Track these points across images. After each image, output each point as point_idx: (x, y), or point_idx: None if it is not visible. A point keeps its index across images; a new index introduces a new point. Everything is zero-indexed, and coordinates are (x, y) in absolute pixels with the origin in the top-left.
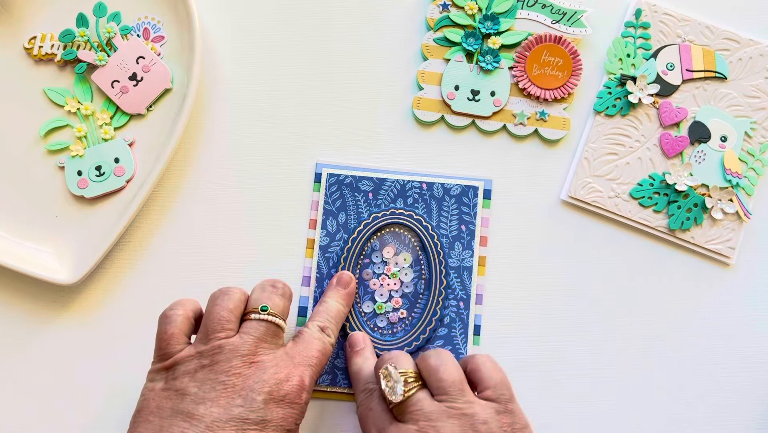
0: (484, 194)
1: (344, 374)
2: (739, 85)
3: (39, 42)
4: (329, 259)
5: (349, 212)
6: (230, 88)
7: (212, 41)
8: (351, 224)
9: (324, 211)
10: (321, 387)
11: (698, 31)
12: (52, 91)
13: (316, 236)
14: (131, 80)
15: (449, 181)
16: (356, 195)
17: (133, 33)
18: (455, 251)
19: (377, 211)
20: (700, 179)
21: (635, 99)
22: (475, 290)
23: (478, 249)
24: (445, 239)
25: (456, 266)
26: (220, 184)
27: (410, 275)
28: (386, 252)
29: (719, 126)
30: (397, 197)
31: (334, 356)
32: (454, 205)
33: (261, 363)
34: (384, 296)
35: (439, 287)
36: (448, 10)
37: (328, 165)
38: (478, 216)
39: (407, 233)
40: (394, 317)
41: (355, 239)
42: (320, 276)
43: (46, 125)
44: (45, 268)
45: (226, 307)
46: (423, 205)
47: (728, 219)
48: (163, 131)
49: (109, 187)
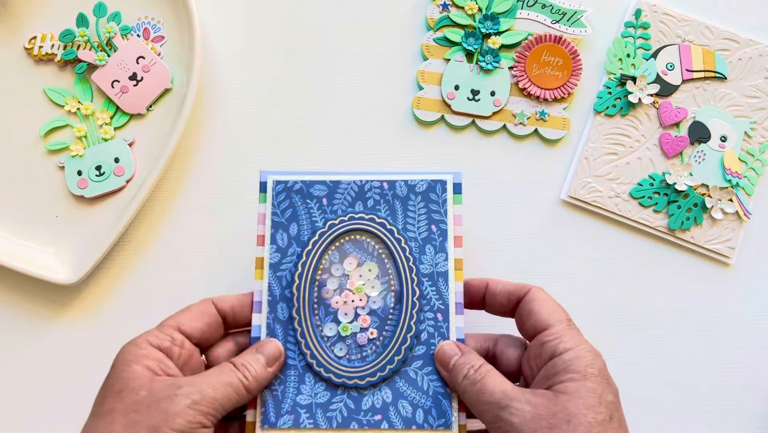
0: (454, 189)
1: (308, 411)
2: (738, 85)
3: (39, 42)
4: (282, 278)
5: (302, 222)
6: (230, 88)
7: (212, 41)
8: (304, 235)
9: (272, 224)
10: (283, 430)
11: (698, 31)
12: (53, 91)
13: (265, 254)
14: (131, 80)
15: (413, 178)
16: (308, 202)
17: (133, 33)
18: (427, 255)
19: (333, 217)
20: (700, 179)
21: (635, 99)
22: (454, 298)
23: (452, 251)
24: (414, 242)
25: (429, 273)
26: (220, 184)
27: (378, 288)
28: (347, 264)
29: (719, 126)
30: (355, 200)
31: (295, 392)
32: (420, 204)
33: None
34: (349, 316)
35: (412, 299)
36: (448, 10)
37: (274, 172)
38: (449, 213)
39: (370, 239)
40: (363, 339)
41: (310, 252)
42: (272, 300)
43: (46, 125)
44: (45, 268)
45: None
46: (386, 206)
47: (728, 219)
48: (163, 131)
49: (109, 187)
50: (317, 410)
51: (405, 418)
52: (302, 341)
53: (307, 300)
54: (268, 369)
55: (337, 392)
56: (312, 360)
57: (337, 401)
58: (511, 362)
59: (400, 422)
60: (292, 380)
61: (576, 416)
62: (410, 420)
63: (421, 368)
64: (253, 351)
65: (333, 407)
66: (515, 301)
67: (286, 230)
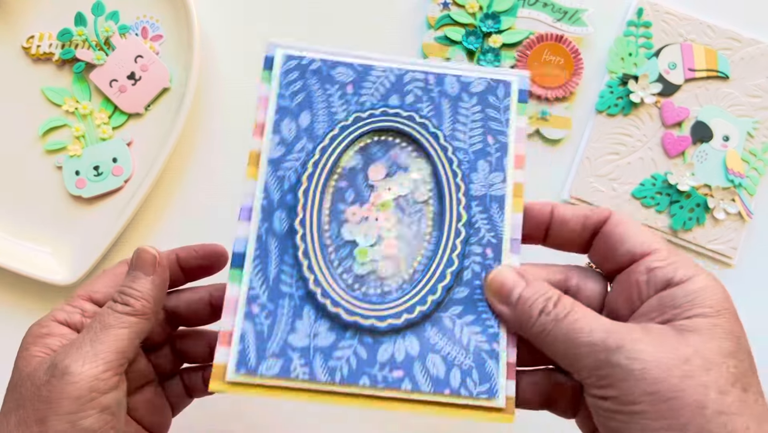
0: (519, 95)
1: (304, 356)
2: (741, 85)
3: (37, 41)
4: (284, 179)
5: (317, 112)
6: (229, 88)
7: (211, 40)
8: (319, 127)
9: (278, 109)
10: (266, 379)
11: (700, 30)
12: (51, 91)
13: (264, 146)
14: (129, 79)
15: (469, 74)
16: (328, 88)
17: (131, 32)
18: (479, 172)
19: (361, 110)
20: (703, 179)
21: (637, 98)
22: (510, 232)
23: (512, 172)
24: (463, 154)
25: (480, 195)
26: (219, 184)
27: (411, 206)
28: (374, 171)
29: (721, 126)
30: (390, 93)
31: (288, 328)
32: (476, 108)
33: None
34: (370, 238)
35: (456, 225)
36: (449, 8)
37: (287, 44)
38: (511, 124)
39: (406, 143)
40: (386, 270)
41: (326, 149)
42: (268, 205)
43: (44, 125)
44: (43, 269)
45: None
46: (429, 105)
47: (730, 219)
48: (162, 131)
49: (107, 188)
50: (316, 355)
51: (434, 378)
52: (304, 262)
53: (315, 211)
54: (150, 278)
55: (345, 334)
56: (315, 288)
57: (344, 346)
58: (593, 300)
59: (428, 382)
60: (285, 312)
61: (715, 363)
62: (441, 382)
63: (461, 315)
64: (127, 273)
65: (338, 354)
66: (591, 228)
67: (295, 118)
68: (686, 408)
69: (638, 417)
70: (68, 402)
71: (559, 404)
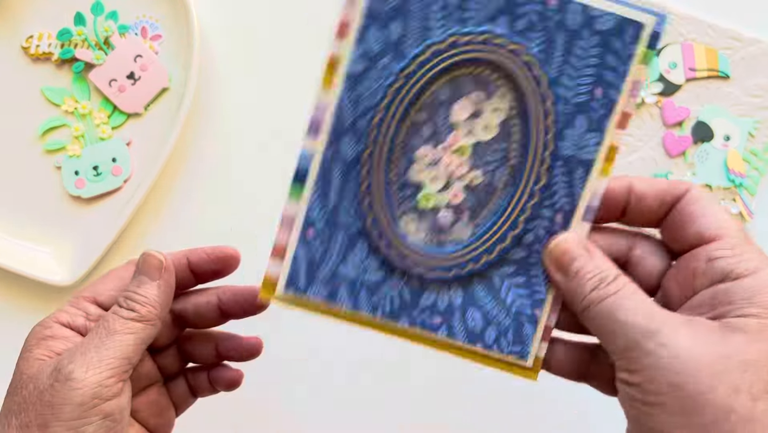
0: (649, 41)
1: (350, 287)
2: (742, 85)
3: (36, 41)
4: (359, 100)
5: (411, 25)
6: (229, 87)
7: (210, 40)
8: (410, 46)
9: (368, 13)
10: (311, 302)
11: (701, 29)
12: (50, 91)
13: (345, 54)
14: (129, 79)
15: (598, 6)
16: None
17: (130, 32)
18: (575, 129)
19: (461, 32)
20: (703, 179)
21: (638, 98)
22: (588, 200)
23: (612, 133)
24: (563, 105)
25: (568, 156)
26: (219, 184)
27: (489, 155)
28: (459, 109)
29: (722, 126)
30: (500, 13)
31: (340, 258)
32: (595, 49)
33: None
34: (438, 182)
35: (532, 186)
36: None
37: None
38: (628, 76)
39: (503, 83)
40: (445, 219)
41: (411, 76)
42: (338, 127)
43: (43, 125)
44: (43, 269)
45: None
46: (542, 37)
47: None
48: (161, 131)
49: (106, 188)
50: (362, 289)
51: (470, 331)
52: (366, 199)
53: (387, 144)
54: (156, 283)
55: (393, 275)
56: (372, 228)
57: (391, 285)
58: (652, 276)
59: (464, 333)
60: (339, 242)
61: (756, 366)
62: (476, 336)
63: (512, 276)
64: (133, 277)
65: (384, 292)
66: (669, 204)
67: (385, 27)
68: (711, 409)
69: (658, 409)
70: (71, 408)
71: (598, 380)
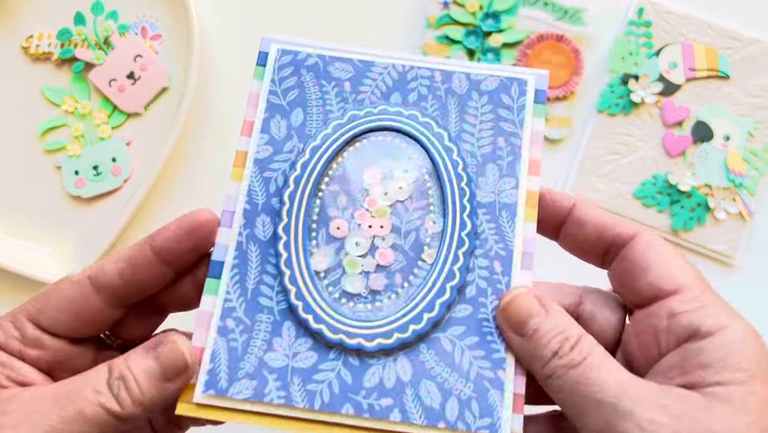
0: (536, 96)
1: (280, 378)
2: (742, 85)
3: (36, 40)
4: (270, 181)
5: (311, 110)
6: (228, 87)
7: (210, 40)
8: (312, 126)
9: (268, 107)
10: (237, 403)
11: (701, 29)
12: (50, 90)
13: (251, 145)
14: (129, 79)
15: (479, 72)
16: (324, 85)
17: (130, 31)
18: (488, 177)
19: (358, 108)
20: (703, 179)
21: (638, 98)
22: (521, 245)
23: (526, 178)
24: (470, 157)
25: (488, 202)
26: (218, 183)
27: (409, 213)
28: (369, 174)
29: (722, 125)
30: (392, 91)
31: (265, 345)
32: (486, 108)
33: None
34: (362, 246)
35: (460, 233)
36: (449, 7)
37: (282, 40)
38: (526, 126)
39: (406, 144)
40: (379, 282)
41: (317, 149)
42: (251, 210)
43: (43, 125)
44: (42, 269)
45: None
46: (435, 103)
47: (731, 219)
48: (161, 130)
49: (106, 188)
50: (294, 377)
51: (428, 409)
52: (287, 272)
53: (302, 216)
54: (166, 385)
55: (328, 354)
56: (297, 302)
57: (326, 368)
58: (608, 333)
59: (421, 413)
60: (262, 328)
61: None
62: (436, 414)
63: (463, 337)
64: (146, 350)
65: (319, 377)
66: (609, 242)
67: (287, 116)
68: None
69: None
70: None
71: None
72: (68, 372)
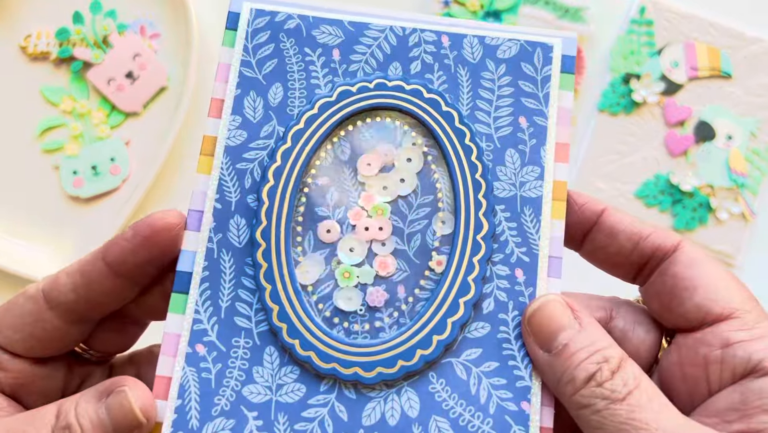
0: (562, 64)
1: (262, 415)
2: (744, 84)
3: (34, 40)
4: (245, 174)
5: (292, 84)
6: None
7: (209, 38)
8: (294, 105)
9: (240, 82)
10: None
11: (702, 28)
12: (48, 90)
13: (221, 129)
14: (127, 78)
15: (495, 35)
16: (307, 53)
17: (129, 30)
18: (507, 166)
19: (350, 83)
20: (705, 179)
21: (640, 97)
22: (547, 248)
23: (552, 166)
24: (486, 141)
25: (508, 197)
26: None
27: (414, 211)
28: (364, 164)
29: (724, 125)
30: (390, 59)
31: (242, 377)
32: (504, 79)
33: None
34: (358, 253)
35: (474, 236)
36: (450, 6)
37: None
38: (552, 101)
39: (409, 127)
40: (378, 297)
41: (300, 134)
42: (223, 210)
43: (42, 124)
44: (41, 269)
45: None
46: (443, 75)
47: (733, 219)
48: (160, 130)
49: (104, 187)
50: (279, 415)
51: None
52: (268, 287)
53: (285, 217)
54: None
55: (319, 387)
56: (281, 324)
57: (317, 403)
58: (642, 355)
59: None
60: (239, 355)
61: None
62: None
63: (480, 361)
64: (97, 397)
65: (309, 414)
66: (647, 255)
67: (263, 93)
68: None
69: None
70: None
71: None
72: (35, 395)
